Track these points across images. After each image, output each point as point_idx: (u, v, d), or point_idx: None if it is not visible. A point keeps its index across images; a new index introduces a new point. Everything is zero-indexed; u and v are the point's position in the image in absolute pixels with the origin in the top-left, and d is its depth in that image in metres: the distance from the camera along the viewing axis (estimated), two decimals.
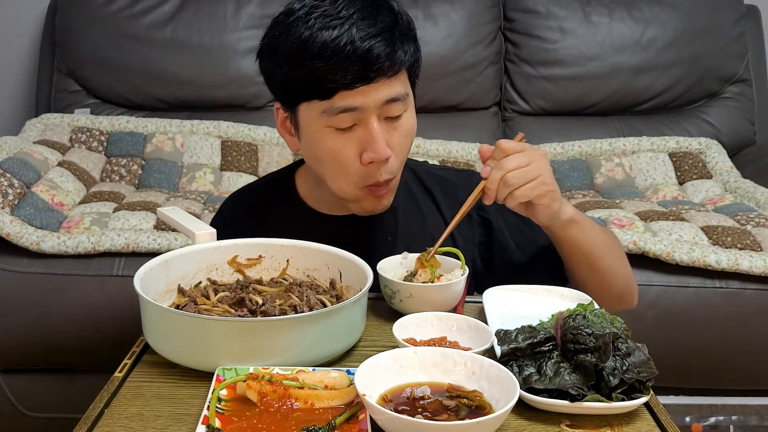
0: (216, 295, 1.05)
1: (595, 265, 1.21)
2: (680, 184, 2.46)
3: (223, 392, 0.84)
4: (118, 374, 0.93)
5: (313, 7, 1.11)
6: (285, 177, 1.35)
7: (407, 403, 0.81)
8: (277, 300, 1.03)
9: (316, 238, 1.16)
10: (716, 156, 2.50)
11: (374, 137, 1.12)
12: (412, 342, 0.96)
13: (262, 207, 1.34)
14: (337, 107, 1.11)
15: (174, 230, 1.84)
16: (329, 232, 1.19)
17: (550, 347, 0.90)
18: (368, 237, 1.27)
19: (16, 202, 1.90)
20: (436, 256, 1.14)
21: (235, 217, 1.34)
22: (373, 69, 1.09)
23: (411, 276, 1.12)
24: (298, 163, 1.35)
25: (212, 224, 1.29)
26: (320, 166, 1.20)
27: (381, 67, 1.09)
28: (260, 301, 1.02)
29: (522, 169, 1.07)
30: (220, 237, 1.16)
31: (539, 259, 1.28)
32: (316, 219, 1.29)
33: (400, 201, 1.27)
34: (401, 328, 0.98)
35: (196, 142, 2.48)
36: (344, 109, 1.11)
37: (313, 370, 0.88)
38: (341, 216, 1.28)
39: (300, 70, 1.11)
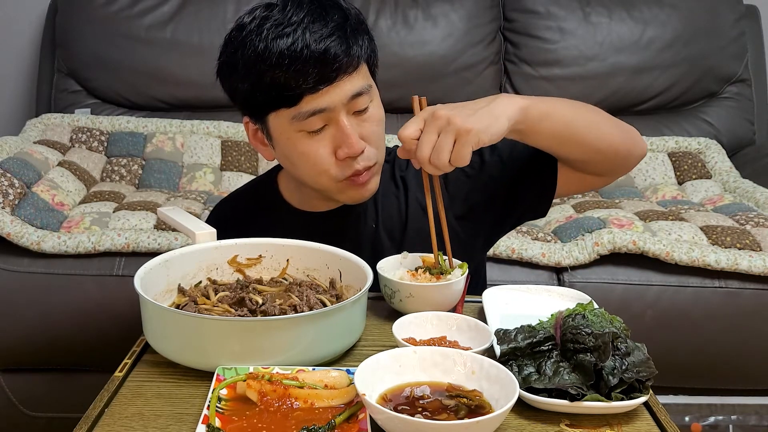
0: (216, 294, 1.05)
1: (572, 137, 1.14)
2: (679, 184, 2.46)
3: (223, 392, 0.84)
4: (118, 374, 0.93)
5: (263, 18, 1.12)
6: (268, 181, 1.37)
7: (407, 402, 0.81)
8: (277, 300, 1.04)
9: (304, 236, 1.17)
10: (715, 156, 2.50)
11: (347, 133, 1.14)
12: (412, 341, 0.97)
13: (248, 214, 1.36)
14: (305, 111, 1.12)
15: (174, 230, 1.84)
16: (316, 229, 1.22)
17: (550, 347, 0.90)
18: (354, 227, 1.29)
19: (16, 202, 1.90)
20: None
21: (223, 227, 1.35)
22: (333, 69, 1.10)
23: (424, 270, 1.13)
24: (279, 167, 1.36)
25: None
26: (298, 170, 1.21)
27: (340, 66, 1.11)
28: (260, 301, 1.03)
29: (438, 145, 1.01)
30: None
31: (525, 151, 1.25)
32: (302, 218, 1.31)
33: (379, 189, 1.29)
34: (401, 327, 0.98)
35: (196, 142, 2.48)
36: (313, 112, 1.12)
37: (313, 369, 0.88)
38: (326, 211, 1.29)
39: (262, 82, 1.12)
